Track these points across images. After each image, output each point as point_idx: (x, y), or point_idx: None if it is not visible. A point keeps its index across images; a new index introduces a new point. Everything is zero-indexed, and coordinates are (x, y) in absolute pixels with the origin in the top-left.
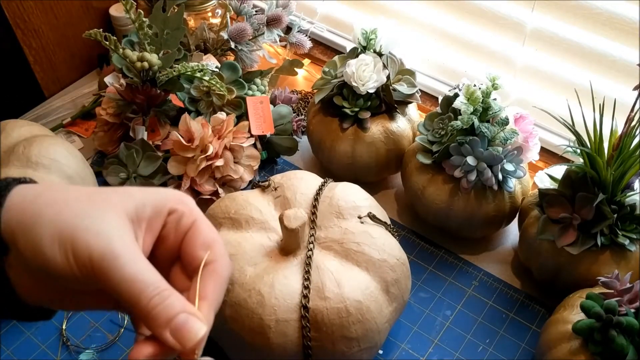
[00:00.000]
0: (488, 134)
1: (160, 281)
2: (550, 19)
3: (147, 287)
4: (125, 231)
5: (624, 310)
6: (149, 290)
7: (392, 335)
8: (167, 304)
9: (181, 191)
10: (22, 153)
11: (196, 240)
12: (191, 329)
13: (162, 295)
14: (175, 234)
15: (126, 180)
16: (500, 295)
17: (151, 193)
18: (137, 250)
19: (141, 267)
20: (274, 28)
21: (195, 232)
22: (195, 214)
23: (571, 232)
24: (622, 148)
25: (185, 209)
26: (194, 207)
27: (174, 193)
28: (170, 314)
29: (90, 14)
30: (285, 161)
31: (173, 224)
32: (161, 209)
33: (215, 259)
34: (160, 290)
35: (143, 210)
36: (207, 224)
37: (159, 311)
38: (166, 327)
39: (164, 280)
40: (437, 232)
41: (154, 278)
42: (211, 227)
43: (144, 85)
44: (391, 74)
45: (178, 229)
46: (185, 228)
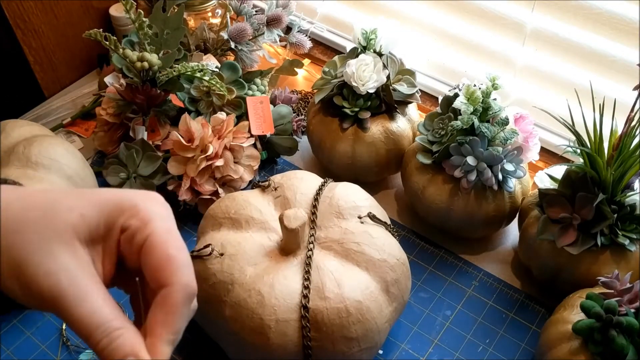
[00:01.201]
0: (488, 134)
1: (111, 321)
2: (550, 19)
3: (96, 329)
4: (78, 264)
5: (624, 310)
6: (98, 332)
7: (392, 335)
8: (115, 347)
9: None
10: (22, 153)
11: (149, 261)
12: None
13: (110, 338)
14: (132, 252)
15: (126, 180)
16: (500, 295)
17: (107, 207)
18: (89, 286)
19: (91, 307)
20: (274, 28)
21: (148, 251)
22: (149, 228)
23: (571, 232)
24: (622, 148)
25: (138, 223)
26: (152, 217)
27: (131, 201)
28: (118, 357)
29: (90, 14)
30: (285, 161)
31: (127, 242)
32: (113, 226)
33: (167, 282)
34: (109, 332)
35: (97, 230)
36: (162, 238)
37: (107, 353)
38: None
39: (118, 317)
40: (437, 232)
41: (104, 317)
42: (167, 242)
43: (144, 85)
44: (391, 74)
45: (132, 247)
46: (139, 245)
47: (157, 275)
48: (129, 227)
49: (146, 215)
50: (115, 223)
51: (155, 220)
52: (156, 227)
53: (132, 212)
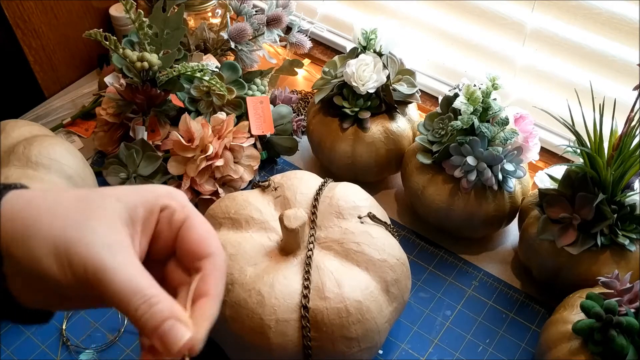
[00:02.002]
0: (488, 134)
1: (149, 288)
2: (550, 19)
3: (134, 296)
4: (117, 239)
5: (624, 310)
6: (136, 298)
7: (392, 335)
8: (154, 312)
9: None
10: (22, 153)
11: (190, 235)
12: (175, 335)
13: (149, 303)
14: (169, 230)
15: (126, 180)
16: (500, 295)
17: (142, 193)
18: (128, 259)
19: (130, 275)
20: (274, 28)
21: (189, 227)
22: (187, 210)
23: (571, 232)
24: (622, 148)
25: (177, 205)
26: (186, 202)
27: (165, 189)
28: (157, 322)
29: (90, 14)
30: (285, 161)
31: (166, 220)
32: (153, 207)
33: (212, 252)
34: (148, 297)
35: (135, 212)
36: (200, 219)
37: (146, 319)
38: (154, 334)
39: (155, 286)
40: (437, 232)
41: (142, 285)
42: (204, 222)
43: (144, 85)
44: (391, 74)
45: (171, 224)
46: (178, 223)
47: (200, 248)
48: (168, 206)
49: (181, 199)
50: (155, 204)
51: (188, 204)
52: (192, 210)
53: (169, 195)
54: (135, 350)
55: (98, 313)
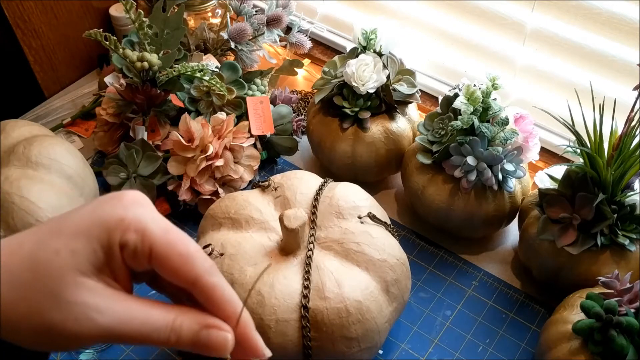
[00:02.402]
0: (488, 134)
1: (165, 317)
2: (550, 19)
3: (159, 333)
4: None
5: (624, 310)
6: (162, 334)
7: (392, 335)
8: (185, 332)
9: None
10: (22, 153)
11: (166, 265)
12: (216, 341)
13: (175, 331)
14: (140, 264)
15: (126, 180)
16: (500, 295)
17: (92, 233)
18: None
19: (139, 319)
20: (274, 28)
21: (160, 257)
22: (148, 237)
23: (571, 232)
24: (622, 148)
25: (134, 236)
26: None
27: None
28: (192, 337)
29: (90, 14)
30: (285, 161)
31: (131, 258)
32: (110, 249)
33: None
34: (170, 326)
35: (95, 258)
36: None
37: (182, 341)
38: (195, 348)
39: (167, 309)
40: (437, 232)
41: (157, 320)
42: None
43: (144, 85)
44: (391, 74)
45: (139, 260)
46: (146, 256)
47: (180, 276)
48: (126, 242)
49: (138, 224)
50: (111, 244)
51: (149, 225)
52: (154, 234)
53: (122, 226)
54: (135, 351)
55: None
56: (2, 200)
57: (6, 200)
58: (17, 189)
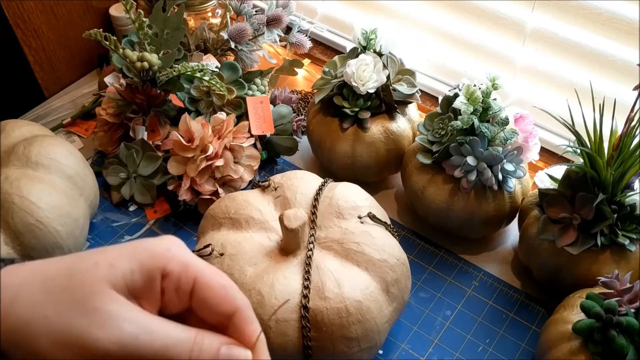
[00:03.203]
0: (488, 134)
1: (185, 330)
2: (550, 19)
3: (182, 347)
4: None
5: (624, 310)
6: (184, 348)
7: (392, 335)
8: (206, 347)
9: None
10: (22, 153)
11: (207, 297)
12: (237, 355)
13: (197, 344)
14: (179, 297)
15: (126, 180)
16: (500, 295)
17: (137, 257)
18: (148, 317)
19: (164, 333)
20: (274, 28)
21: (202, 289)
22: (192, 269)
23: (571, 232)
24: (622, 148)
25: (179, 266)
26: (188, 258)
27: (162, 248)
28: (213, 353)
29: (90, 14)
30: (285, 161)
31: (172, 289)
32: (152, 273)
33: (237, 306)
34: (193, 340)
35: (132, 281)
36: (210, 273)
37: (203, 357)
38: None
39: (186, 327)
40: (437, 232)
41: (179, 335)
42: (215, 275)
43: (144, 85)
44: (391, 74)
45: (180, 292)
46: (188, 289)
47: (221, 307)
48: (170, 272)
49: (182, 258)
50: (153, 271)
51: (191, 259)
52: (198, 267)
53: (167, 256)
54: None
55: None
56: (2, 200)
57: (6, 200)
58: (17, 189)
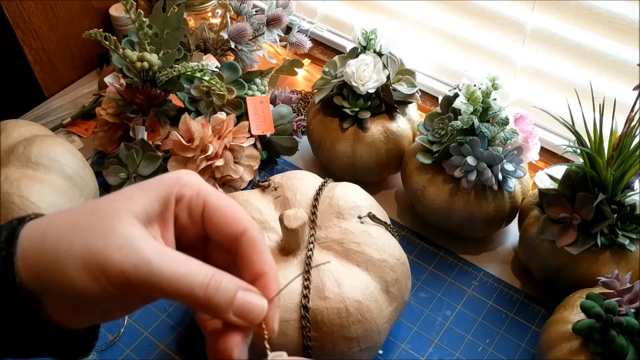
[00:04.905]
0: (488, 134)
1: (203, 266)
2: (550, 19)
3: (196, 279)
4: (143, 233)
5: (624, 310)
6: (199, 280)
7: (392, 335)
8: (223, 288)
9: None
10: (22, 153)
11: (216, 218)
12: (253, 302)
13: (214, 281)
14: (192, 221)
15: (126, 180)
16: (500, 295)
17: (151, 187)
18: (166, 247)
19: (178, 261)
20: (274, 28)
21: (212, 210)
22: (202, 193)
23: (571, 232)
24: (622, 148)
25: (191, 191)
26: (199, 183)
27: (173, 176)
28: (231, 295)
29: (90, 14)
30: (285, 161)
31: (185, 213)
32: (167, 200)
33: (244, 227)
34: (209, 277)
35: (151, 208)
36: (218, 197)
37: (218, 298)
38: (229, 310)
39: (206, 264)
40: (437, 232)
41: (197, 267)
42: (223, 198)
43: (144, 85)
44: (391, 74)
45: (192, 215)
46: (199, 211)
47: (231, 227)
48: (182, 196)
49: (194, 183)
50: (168, 196)
51: (202, 185)
52: (208, 190)
53: (180, 183)
54: (135, 351)
55: None
56: (2, 200)
57: (6, 200)
58: (17, 189)
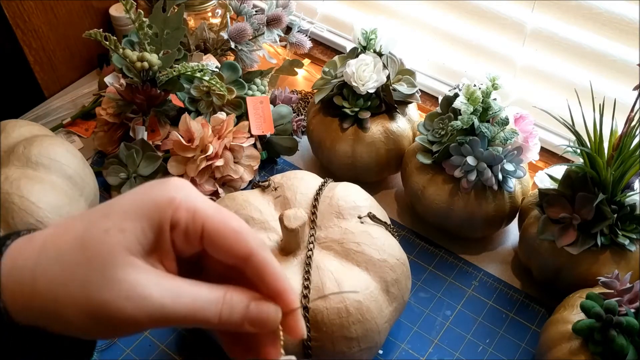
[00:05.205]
0: (488, 134)
1: (214, 291)
2: (550, 19)
3: (210, 311)
4: (146, 273)
5: (624, 310)
6: (213, 311)
7: (392, 335)
8: (235, 307)
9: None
10: (22, 153)
11: (218, 241)
12: (268, 314)
13: (227, 304)
14: (190, 245)
15: (126, 180)
16: (500, 295)
17: (142, 213)
18: (171, 279)
19: (190, 295)
20: (274, 28)
21: (212, 233)
22: (200, 214)
23: (571, 232)
24: (622, 148)
25: (186, 215)
26: (194, 203)
27: (166, 198)
28: (242, 312)
29: (90, 14)
30: (285, 161)
31: (182, 238)
32: (161, 228)
33: (248, 251)
34: (221, 300)
35: (145, 239)
36: (216, 220)
37: (233, 319)
38: (244, 324)
39: (216, 287)
40: (437, 232)
41: (208, 295)
42: (224, 217)
43: (144, 85)
44: (391, 74)
45: (189, 240)
46: (197, 236)
47: (235, 251)
48: (178, 221)
49: (188, 204)
50: (161, 223)
51: (199, 205)
52: (206, 211)
53: (173, 205)
54: (135, 351)
55: None
56: (2, 200)
57: (6, 200)
58: (17, 189)
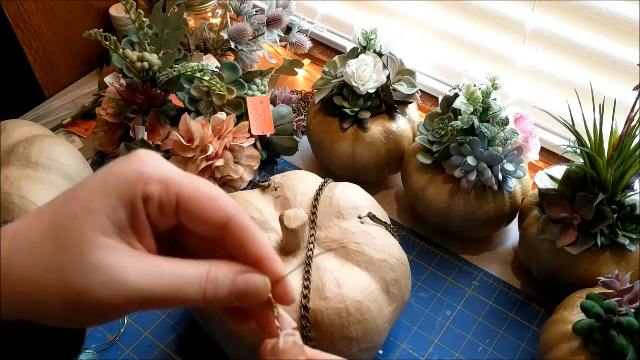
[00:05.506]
0: (488, 134)
1: (195, 267)
2: (550, 19)
3: (192, 289)
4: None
5: (624, 310)
6: (196, 289)
7: (392, 335)
8: (221, 283)
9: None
10: (22, 153)
11: (195, 210)
12: (256, 286)
13: (211, 280)
14: (166, 218)
15: None
16: (500, 295)
17: (111, 190)
18: (150, 258)
19: (170, 274)
20: (274, 28)
21: (187, 202)
22: (172, 186)
23: (571, 232)
24: (622, 148)
25: (158, 187)
26: (165, 174)
27: (134, 171)
28: (230, 287)
29: (90, 14)
30: (285, 161)
31: (156, 211)
32: (133, 204)
33: (229, 214)
34: (204, 277)
35: (117, 218)
36: (190, 187)
37: (218, 295)
38: (232, 299)
39: (197, 263)
40: (437, 232)
41: (189, 271)
42: (199, 185)
43: (144, 85)
44: (391, 74)
45: (164, 212)
46: (172, 208)
47: (212, 219)
48: (149, 194)
49: (159, 176)
50: (132, 199)
51: (171, 175)
52: (179, 181)
53: (142, 179)
54: (135, 351)
55: None
56: (2, 200)
57: (6, 200)
58: (17, 189)
